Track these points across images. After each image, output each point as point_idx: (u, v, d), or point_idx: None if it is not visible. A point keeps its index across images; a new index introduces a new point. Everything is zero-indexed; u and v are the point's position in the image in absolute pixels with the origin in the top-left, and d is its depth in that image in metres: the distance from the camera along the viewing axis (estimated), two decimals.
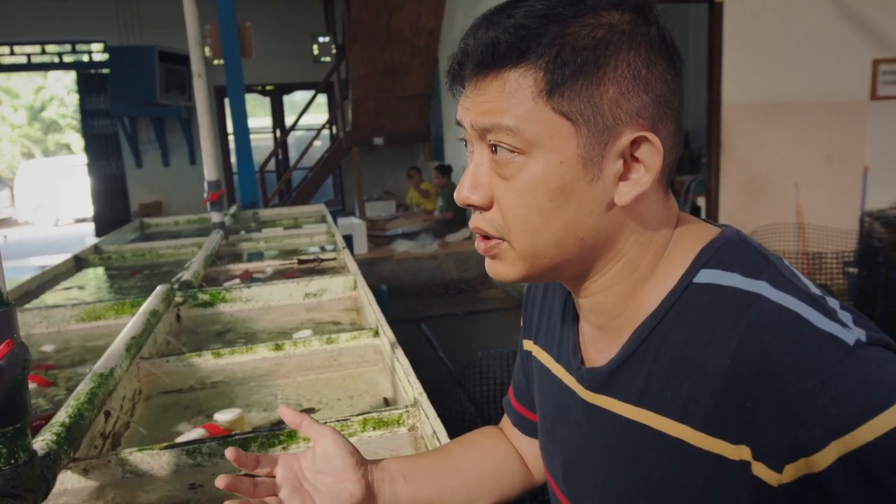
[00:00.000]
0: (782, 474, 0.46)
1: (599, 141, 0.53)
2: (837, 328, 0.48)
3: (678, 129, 0.56)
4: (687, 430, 0.52)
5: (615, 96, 0.52)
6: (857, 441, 0.44)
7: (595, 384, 0.61)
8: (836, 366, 0.46)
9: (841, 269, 4.51)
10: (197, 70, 2.95)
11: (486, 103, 0.54)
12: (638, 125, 0.53)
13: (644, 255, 0.58)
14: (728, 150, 4.67)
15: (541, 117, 0.52)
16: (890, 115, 4.81)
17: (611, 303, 0.59)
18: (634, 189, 0.54)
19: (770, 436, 0.47)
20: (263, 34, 7.65)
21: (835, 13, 4.62)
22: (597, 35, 0.52)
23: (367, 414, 1.08)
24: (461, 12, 6.28)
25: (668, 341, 0.55)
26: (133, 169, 9.66)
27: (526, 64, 0.52)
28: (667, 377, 0.54)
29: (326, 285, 1.93)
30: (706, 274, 0.55)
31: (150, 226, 3.72)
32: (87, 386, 1.05)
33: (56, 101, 19.85)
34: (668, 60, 0.54)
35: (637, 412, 0.57)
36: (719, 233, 0.58)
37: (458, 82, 0.58)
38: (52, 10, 8.94)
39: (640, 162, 0.54)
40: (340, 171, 9.77)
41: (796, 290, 0.52)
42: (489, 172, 0.56)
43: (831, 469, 0.45)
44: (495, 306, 5.33)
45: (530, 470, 0.83)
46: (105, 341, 1.56)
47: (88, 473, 0.96)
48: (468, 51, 0.55)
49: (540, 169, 0.53)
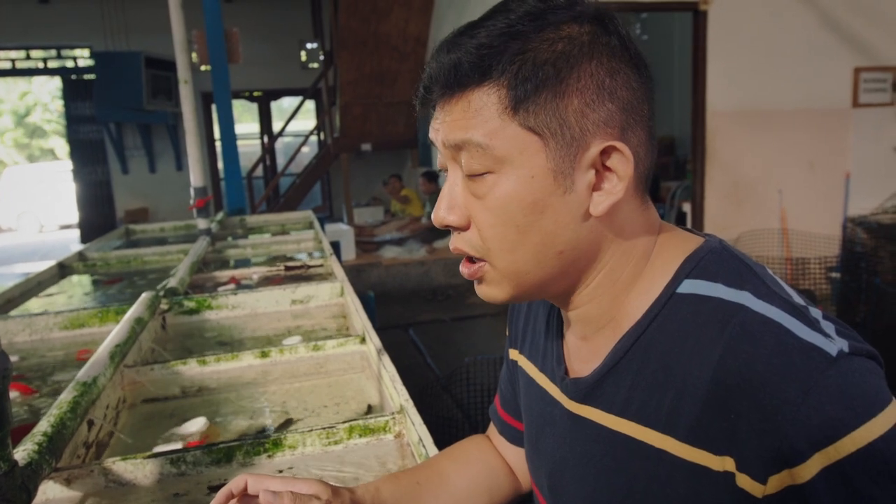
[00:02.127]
0: (766, 485, 0.47)
1: (568, 153, 0.53)
2: (820, 339, 0.48)
3: (650, 136, 0.57)
4: (670, 441, 0.52)
5: (580, 107, 0.52)
6: (839, 452, 0.44)
7: (579, 395, 0.61)
8: (819, 377, 0.46)
9: (824, 274, 4.56)
10: (183, 76, 2.94)
11: (454, 122, 0.55)
12: (606, 134, 0.53)
13: (626, 264, 0.58)
14: (713, 156, 4.72)
15: (508, 133, 0.53)
16: (871, 122, 4.88)
17: (596, 313, 0.60)
18: (608, 198, 0.54)
19: (753, 447, 0.47)
20: (251, 40, 7.65)
21: (817, 22, 4.69)
22: (556, 48, 0.52)
23: (352, 421, 1.07)
24: (448, 19, 6.31)
25: (651, 352, 0.55)
26: (119, 175, 9.59)
27: (489, 82, 0.53)
28: (650, 388, 0.55)
29: (313, 292, 1.93)
30: (689, 284, 0.55)
31: (136, 232, 3.69)
32: (70, 395, 1.04)
33: (40, 107, 19.68)
34: (632, 68, 0.55)
35: (620, 423, 0.57)
36: (703, 242, 0.58)
37: (427, 105, 0.58)
38: (38, 16, 8.87)
39: (613, 171, 0.54)
40: (328, 178, 9.76)
41: (779, 300, 0.52)
42: (464, 192, 0.57)
43: (814, 480, 0.45)
44: (483, 312, 5.34)
45: (518, 479, 0.83)
46: (89, 349, 1.54)
47: (71, 483, 0.95)
48: (433, 74, 0.55)
49: (511, 185, 0.54)
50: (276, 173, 9.40)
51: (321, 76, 8.12)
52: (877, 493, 0.44)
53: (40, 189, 13.05)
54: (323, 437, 1.05)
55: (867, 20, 4.75)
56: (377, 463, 1.01)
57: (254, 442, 1.03)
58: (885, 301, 3.39)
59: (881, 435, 0.45)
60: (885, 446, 0.44)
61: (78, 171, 9.52)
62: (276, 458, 1.03)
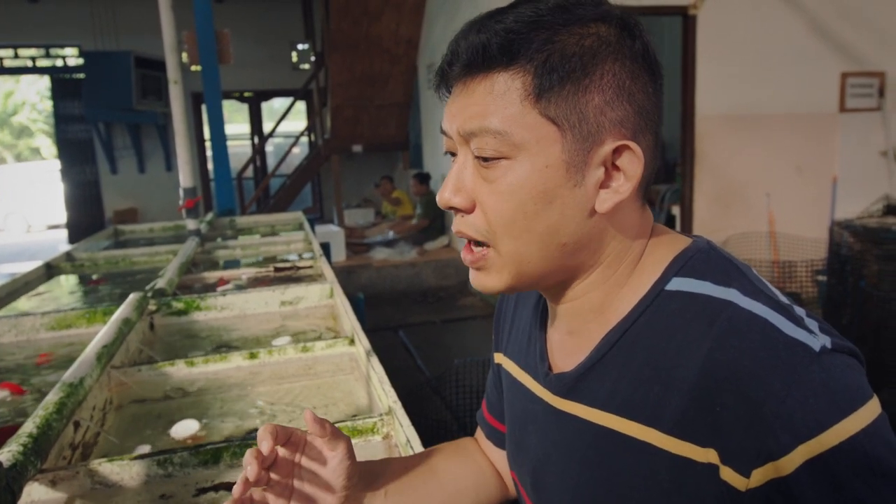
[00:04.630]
0: (750, 479, 0.47)
1: (583, 147, 0.54)
2: (804, 334, 0.50)
3: (657, 142, 0.58)
4: (654, 433, 0.53)
5: (600, 104, 0.53)
6: (822, 445, 0.45)
7: (563, 389, 0.62)
8: (803, 371, 0.47)
9: (811, 277, 4.60)
10: (173, 77, 2.93)
11: (473, 105, 0.55)
12: (620, 134, 0.54)
13: (621, 262, 0.59)
14: (701, 160, 4.75)
15: (528, 121, 0.53)
16: (858, 127, 4.94)
17: (586, 308, 0.61)
18: (614, 197, 0.55)
19: (738, 439, 0.48)
20: (242, 41, 7.63)
21: (805, 27, 4.74)
22: (585, 44, 0.53)
23: (341, 423, 1.07)
24: (440, 21, 6.31)
25: (637, 346, 0.56)
26: (108, 175, 9.52)
27: (515, 67, 0.53)
28: (635, 381, 0.55)
29: (303, 293, 1.93)
30: (678, 282, 0.56)
31: (125, 233, 3.67)
32: (56, 396, 1.03)
33: (28, 106, 19.51)
34: (650, 74, 0.56)
35: (604, 416, 0.57)
36: (691, 243, 0.60)
37: (445, 83, 0.58)
38: (26, 14, 8.81)
39: (621, 170, 0.55)
40: (319, 179, 9.74)
41: (765, 298, 0.53)
42: (473, 176, 0.57)
43: (798, 473, 0.46)
44: (473, 314, 5.34)
45: (505, 483, 0.84)
46: (76, 350, 1.53)
47: (56, 485, 0.95)
48: (458, 52, 0.55)
49: (525, 172, 0.54)
50: (267, 174, 9.37)
51: (312, 77, 8.10)
52: (858, 485, 0.45)
53: (28, 189, 12.93)
54: None
55: (854, 26, 4.81)
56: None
57: (241, 444, 1.02)
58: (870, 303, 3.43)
59: (862, 428, 0.46)
60: (867, 440, 0.46)
61: (66, 170, 9.45)
62: None
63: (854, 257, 3.58)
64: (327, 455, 0.65)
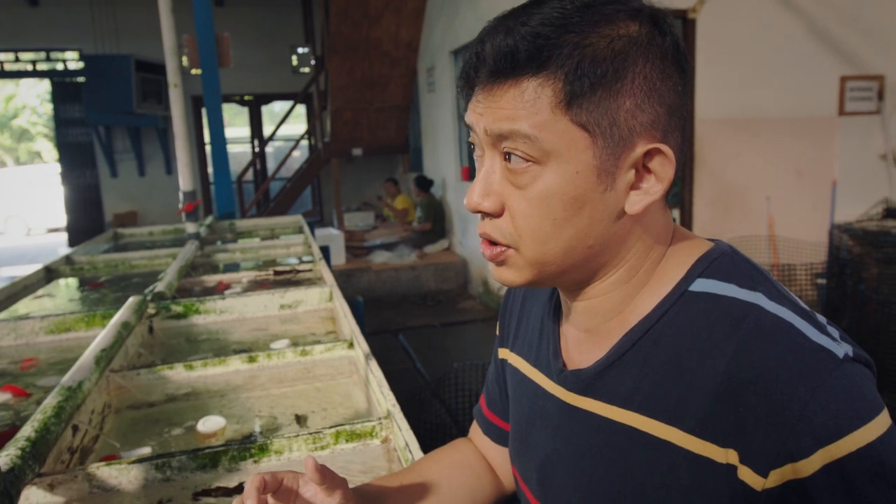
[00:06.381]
0: (767, 479, 0.48)
1: (615, 152, 0.53)
2: (828, 341, 0.50)
3: (684, 137, 0.57)
4: (675, 432, 0.53)
5: (631, 108, 0.52)
6: (841, 451, 0.46)
7: (579, 386, 0.62)
8: (827, 376, 0.48)
9: (811, 280, 4.60)
10: (173, 80, 2.93)
11: (501, 110, 0.54)
12: (651, 136, 0.54)
13: (644, 262, 0.59)
14: (701, 163, 4.75)
15: (558, 128, 0.52)
16: (857, 131, 4.94)
17: (606, 307, 0.61)
18: (645, 198, 0.55)
19: (759, 440, 0.48)
20: (242, 44, 7.64)
21: (804, 31, 4.74)
22: (615, 47, 0.52)
23: (339, 426, 1.07)
24: (440, 25, 6.32)
25: (660, 345, 0.56)
26: (108, 178, 9.53)
27: (545, 74, 0.52)
28: (658, 380, 0.55)
29: (302, 297, 1.93)
30: (702, 283, 0.57)
31: (125, 236, 3.67)
32: (55, 399, 1.03)
33: (28, 110, 19.53)
34: (680, 71, 0.55)
35: (623, 414, 0.57)
36: (714, 245, 0.60)
37: (469, 87, 0.57)
38: (27, 18, 8.82)
39: (652, 172, 0.55)
40: (319, 182, 9.74)
41: (790, 303, 0.54)
42: (501, 180, 0.56)
43: (816, 476, 0.46)
44: (473, 317, 5.34)
45: (501, 480, 0.83)
46: (75, 353, 1.53)
47: (54, 489, 0.94)
48: (484, 56, 0.54)
49: (555, 179, 0.53)
50: (267, 178, 9.37)
51: (312, 81, 8.11)
52: (872, 492, 0.46)
53: (28, 192, 12.93)
54: (309, 443, 1.05)
55: (853, 30, 4.82)
56: (364, 468, 1.01)
57: (240, 447, 1.02)
58: (870, 307, 3.43)
59: (878, 437, 0.47)
60: (882, 448, 0.47)
61: (66, 174, 9.44)
62: (263, 463, 1.03)
63: (853, 261, 3.58)
64: (322, 501, 0.64)
